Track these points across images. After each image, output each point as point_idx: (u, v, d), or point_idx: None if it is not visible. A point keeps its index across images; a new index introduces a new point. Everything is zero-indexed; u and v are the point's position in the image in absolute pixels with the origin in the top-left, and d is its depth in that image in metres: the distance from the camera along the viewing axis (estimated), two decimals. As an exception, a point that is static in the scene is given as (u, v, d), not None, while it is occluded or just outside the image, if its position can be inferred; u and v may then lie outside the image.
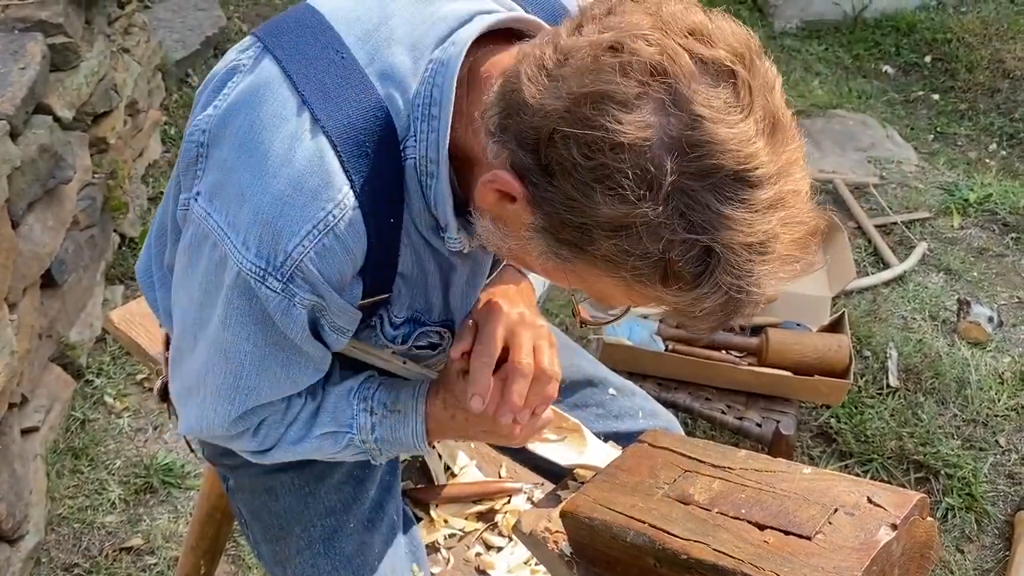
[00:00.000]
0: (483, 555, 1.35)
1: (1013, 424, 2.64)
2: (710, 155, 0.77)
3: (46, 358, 2.36)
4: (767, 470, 1.04)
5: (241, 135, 0.94)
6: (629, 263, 0.81)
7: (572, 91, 0.79)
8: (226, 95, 0.98)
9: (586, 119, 0.78)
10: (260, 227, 0.92)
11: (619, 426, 1.42)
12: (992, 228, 3.44)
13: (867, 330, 2.88)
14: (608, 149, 0.77)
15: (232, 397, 1.04)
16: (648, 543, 0.98)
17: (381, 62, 0.96)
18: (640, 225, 0.78)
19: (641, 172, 0.77)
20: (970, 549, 2.34)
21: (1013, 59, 4.35)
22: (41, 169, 2.21)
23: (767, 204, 0.79)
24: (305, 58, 0.96)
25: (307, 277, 0.94)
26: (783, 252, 0.82)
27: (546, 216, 0.84)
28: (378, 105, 0.94)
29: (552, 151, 0.81)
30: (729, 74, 0.79)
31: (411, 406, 1.13)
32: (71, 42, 2.49)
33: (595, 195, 0.79)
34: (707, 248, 0.79)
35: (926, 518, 0.96)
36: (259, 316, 0.98)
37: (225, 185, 0.94)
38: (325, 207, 0.92)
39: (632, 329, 2.31)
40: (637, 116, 0.77)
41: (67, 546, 2.18)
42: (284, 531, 1.27)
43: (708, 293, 0.81)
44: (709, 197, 0.78)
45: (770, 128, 0.80)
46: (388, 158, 0.95)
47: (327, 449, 1.13)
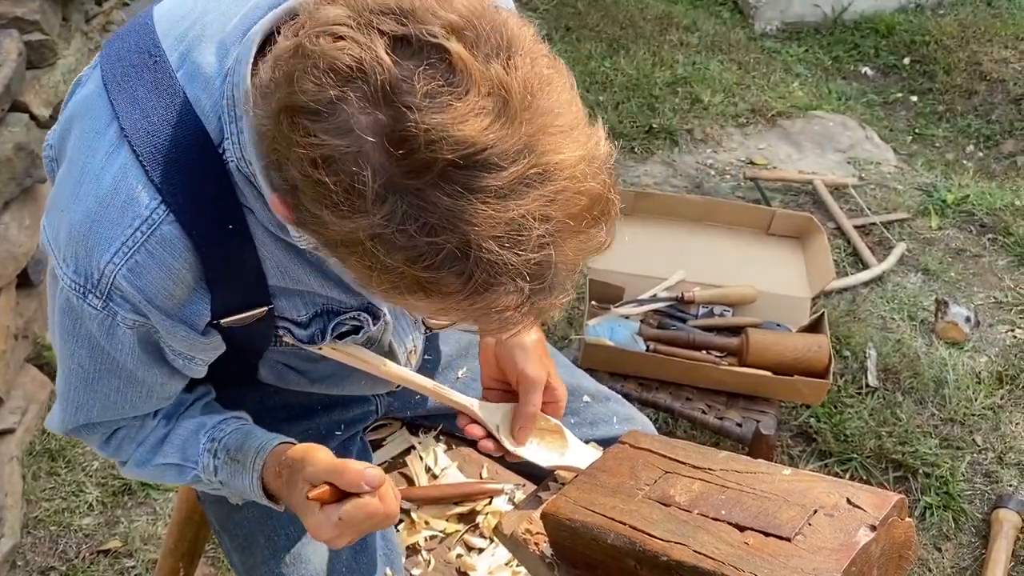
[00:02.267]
0: (464, 557, 1.35)
1: (990, 423, 2.67)
2: (422, 148, 0.69)
3: (22, 359, 2.33)
4: (747, 471, 1.04)
5: (71, 150, 0.94)
6: (375, 277, 0.75)
7: (270, 109, 0.75)
8: (66, 106, 0.98)
9: (286, 137, 0.73)
10: (75, 244, 0.92)
11: (595, 432, 1.42)
12: (969, 229, 3.48)
13: (846, 330, 2.90)
14: (311, 165, 0.71)
15: (66, 406, 1.07)
16: (628, 545, 0.98)
17: (189, 63, 0.91)
18: (368, 239, 0.72)
19: (348, 183, 0.70)
20: (948, 547, 2.36)
21: (990, 62, 4.39)
22: (17, 168, 2.18)
23: (510, 187, 0.70)
24: (122, 64, 0.92)
25: (125, 295, 0.92)
26: (556, 231, 0.72)
27: (312, 231, 0.79)
28: (186, 109, 0.89)
29: (285, 171, 0.76)
30: (439, 50, 0.70)
31: (250, 459, 1.08)
32: (48, 39, 2.46)
33: (322, 214, 0.74)
34: (456, 250, 0.71)
35: (904, 518, 0.97)
36: (85, 337, 0.98)
37: (54, 201, 0.95)
38: (132, 223, 0.89)
39: (613, 330, 2.32)
40: (330, 124, 0.70)
41: (43, 549, 2.16)
42: (249, 541, 1.26)
43: (486, 295, 0.74)
44: (436, 194, 0.70)
45: (501, 101, 0.70)
46: (204, 163, 0.89)
47: (170, 480, 1.13)
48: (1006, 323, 3.04)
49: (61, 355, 1.04)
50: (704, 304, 2.46)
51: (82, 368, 1.01)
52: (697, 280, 2.48)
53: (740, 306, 2.48)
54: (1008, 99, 4.22)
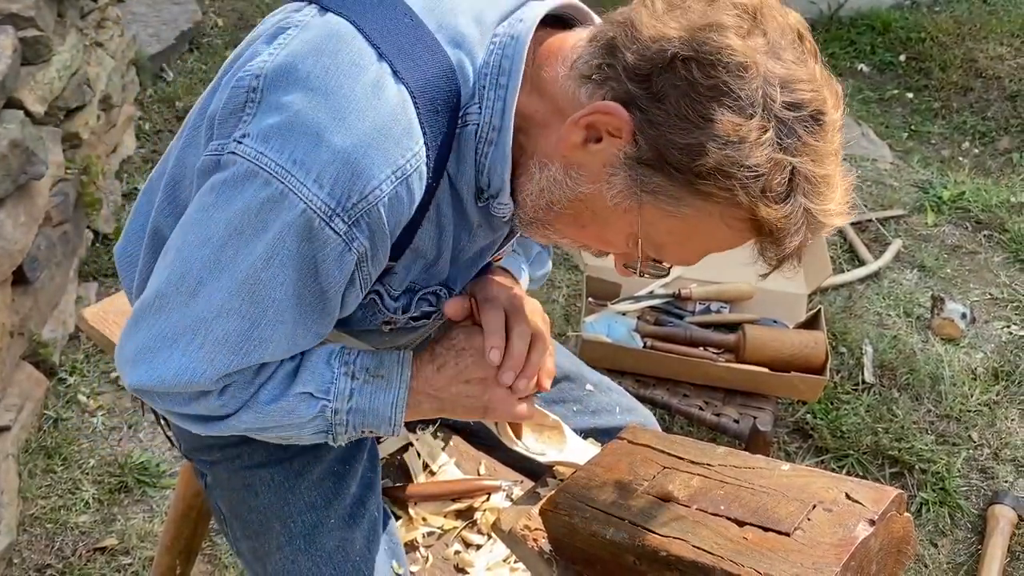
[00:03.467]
0: (462, 553, 1.35)
1: (985, 419, 2.68)
2: (800, 91, 0.89)
3: (18, 356, 2.33)
4: (746, 467, 1.04)
5: (314, 80, 0.94)
6: (739, 173, 0.88)
7: (692, 22, 0.89)
8: (282, 44, 0.98)
9: (709, 41, 0.88)
10: (339, 166, 0.93)
11: (597, 422, 1.43)
12: (965, 226, 3.48)
13: (843, 327, 2.91)
14: (732, 68, 0.87)
15: (239, 346, 1.01)
16: (627, 540, 0.98)
17: (450, 29, 1.00)
18: (751, 139, 0.88)
19: (753, 92, 0.88)
20: (944, 543, 2.37)
21: (985, 58, 4.40)
22: (12, 164, 2.17)
23: (832, 147, 0.92)
24: (375, 16, 0.98)
25: (372, 223, 0.96)
26: (837, 195, 0.93)
27: (650, 140, 0.91)
28: (449, 68, 0.98)
29: (667, 76, 0.89)
30: (800, 37, 0.92)
31: (396, 371, 1.11)
32: (43, 36, 2.45)
33: (712, 111, 0.88)
34: (794, 169, 0.90)
35: (903, 513, 0.97)
36: (302, 260, 0.97)
37: (292, 125, 0.93)
38: (405, 154, 0.95)
39: (611, 326, 2.32)
40: (752, 43, 0.89)
41: (40, 546, 2.15)
42: (264, 527, 1.26)
43: (793, 211, 0.91)
44: (798, 126, 0.89)
45: (828, 84, 0.93)
46: (450, 122, 0.99)
47: (299, 413, 1.09)
48: (1002, 319, 3.05)
49: (253, 288, 0.98)
50: (701, 301, 2.46)
51: (284, 297, 0.99)
52: (694, 277, 2.48)
53: (737, 302, 2.48)
54: (1004, 96, 4.23)
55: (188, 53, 3.98)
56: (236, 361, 1.02)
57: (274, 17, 1.03)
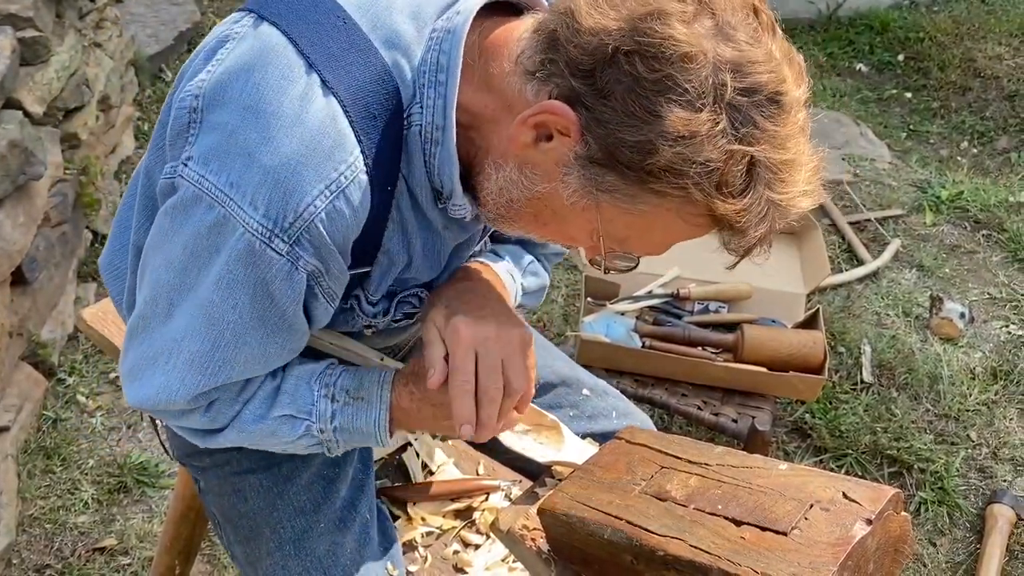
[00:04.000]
0: (461, 553, 1.35)
1: (984, 419, 2.68)
2: (754, 73, 0.85)
3: (17, 357, 2.33)
4: (743, 466, 1.04)
5: (245, 97, 0.93)
6: (691, 171, 0.85)
7: (633, 10, 0.85)
8: (220, 60, 0.96)
9: (652, 32, 0.83)
10: (270, 187, 0.91)
11: (593, 426, 1.42)
12: (964, 225, 3.49)
13: (841, 326, 2.91)
14: (676, 59, 0.83)
15: (204, 367, 1.02)
16: (625, 540, 0.98)
17: (385, 29, 0.97)
18: (703, 133, 0.84)
19: (702, 82, 0.83)
20: (942, 542, 2.37)
21: (984, 58, 4.40)
22: (11, 165, 2.17)
23: (794, 128, 0.88)
24: (306, 23, 0.96)
25: (314, 240, 0.94)
26: (803, 177, 0.89)
27: (598, 139, 0.87)
28: (384, 71, 0.95)
29: (611, 71, 0.85)
30: (754, 10, 0.88)
31: (375, 393, 1.11)
32: (41, 36, 2.45)
33: (659, 106, 0.84)
34: (752, 159, 0.86)
35: (900, 513, 0.97)
36: (253, 284, 0.96)
37: (227, 147, 0.92)
38: (338, 168, 0.93)
39: (609, 326, 2.32)
40: (697, 30, 0.84)
41: (39, 547, 2.15)
42: (254, 532, 1.26)
43: (753, 203, 0.87)
44: (754, 112, 0.85)
45: (788, 61, 0.89)
46: (393, 125, 0.96)
47: (282, 435, 1.10)
48: (1000, 319, 3.05)
49: (209, 311, 0.99)
50: (700, 300, 2.47)
51: (240, 319, 0.98)
52: (692, 277, 2.49)
53: (735, 302, 2.48)
54: (1002, 95, 4.23)
55: (187, 54, 3.98)
56: (205, 381, 1.02)
57: (218, 28, 1.02)
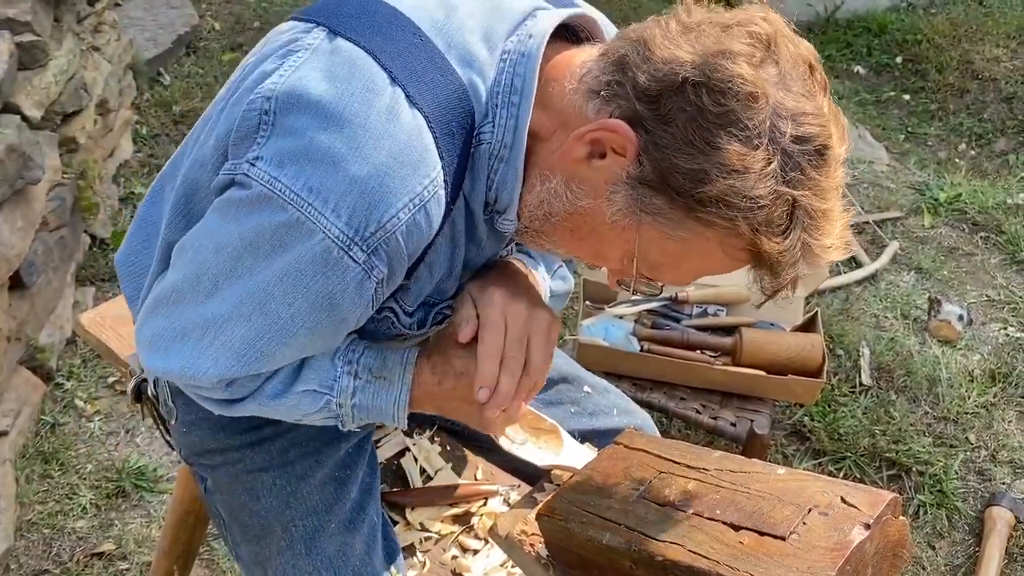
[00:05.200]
0: (459, 558, 1.35)
1: (983, 421, 2.68)
2: (807, 124, 0.89)
3: (15, 361, 2.33)
4: (742, 471, 1.04)
5: (328, 105, 0.93)
6: (741, 204, 0.88)
7: (706, 47, 0.89)
8: (293, 66, 0.97)
9: (722, 68, 0.87)
10: (356, 196, 0.92)
11: (594, 423, 1.43)
12: (962, 227, 3.49)
13: (840, 329, 2.91)
14: (741, 97, 0.87)
15: (242, 355, 1.02)
16: (624, 545, 0.98)
17: (460, 49, 0.99)
18: (756, 170, 0.87)
19: (761, 123, 0.87)
20: (941, 545, 2.37)
21: (982, 60, 4.41)
22: (9, 169, 2.17)
23: (835, 182, 0.92)
24: (385, 39, 0.97)
25: (391, 251, 0.96)
26: (836, 228, 0.93)
27: (654, 162, 0.90)
28: (462, 89, 0.98)
29: (676, 99, 0.89)
30: (810, 69, 0.92)
31: (398, 374, 1.12)
32: (39, 40, 2.45)
33: (719, 139, 0.87)
34: (795, 203, 0.90)
35: (898, 517, 0.97)
36: (317, 291, 0.97)
37: (306, 152, 0.93)
38: (422, 182, 0.95)
39: (608, 330, 2.32)
40: (763, 74, 0.88)
41: (37, 552, 2.15)
42: (265, 531, 1.26)
43: (792, 245, 0.91)
44: (803, 160, 0.89)
45: (835, 119, 0.93)
46: (466, 143, 0.99)
47: (303, 408, 1.11)
48: (998, 321, 3.05)
49: (263, 302, 0.99)
50: (698, 304, 2.47)
51: (292, 319, 0.99)
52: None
53: (734, 305, 2.48)
54: (1000, 97, 4.23)
55: (185, 57, 3.98)
56: (237, 368, 1.03)
57: (282, 36, 1.02)
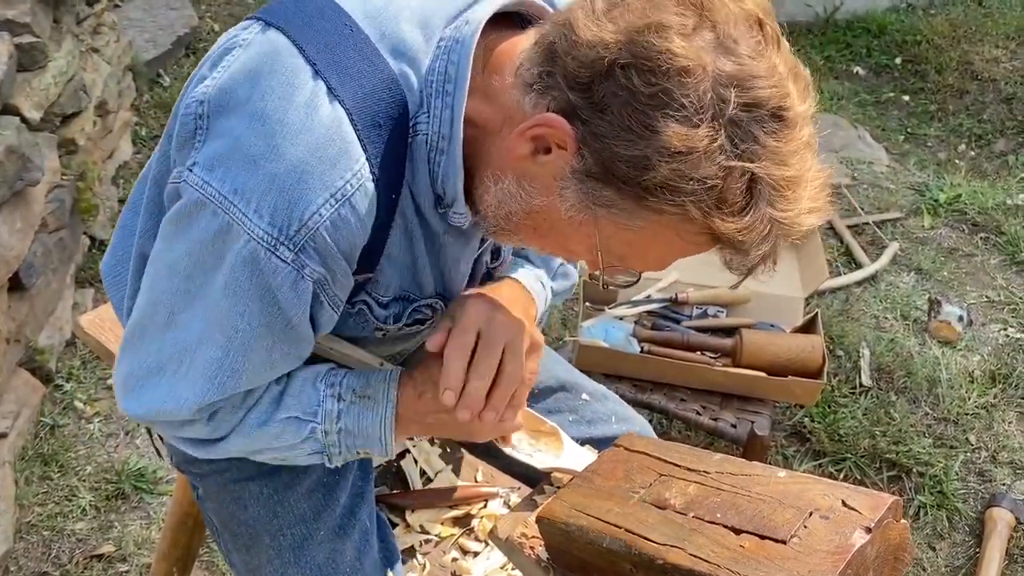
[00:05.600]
0: (459, 560, 1.35)
1: (983, 422, 2.68)
2: (756, 88, 0.82)
3: (14, 363, 2.32)
4: (742, 474, 1.04)
5: (251, 103, 0.92)
6: (688, 187, 0.83)
7: (631, 23, 0.83)
8: (225, 67, 0.96)
9: (649, 45, 0.82)
10: (275, 195, 0.91)
11: (592, 431, 1.42)
12: (962, 228, 3.49)
13: (840, 330, 2.91)
14: (673, 74, 0.81)
15: (214, 375, 1.01)
16: (624, 548, 0.98)
17: (392, 38, 0.97)
18: (701, 149, 0.82)
19: (701, 97, 0.81)
20: (942, 546, 2.37)
21: (981, 61, 4.40)
22: (8, 171, 2.17)
23: (798, 144, 0.85)
24: (313, 30, 0.96)
25: (319, 247, 0.94)
26: (808, 194, 0.87)
27: (595, 153, 0.86)
28: (391, 79, 0.95)
29: (607, 84, 0.84)
30: (759, 24, 0.85)
31: (382, 391, 1.11)
32: (39, 42, 2.45)
33: (656, 121, 0.82)
34: (752, 176, 0.84)
35: (899, 520, 0.97)
36: (259, 291, 0.96)
37: (231, 153, 0.92)
38: (343, 176, 0.93)
39: (608, 331, 2.32)
40: (697, 43, 0.82)
41: (36, 554, 2.15)
42: (254, 540, 1.25)
43: (754, 222, 0.85)
44: (755, 128, 0.83)
45: (794, 76, 0.86)
46: (399, 133, 0.96)
47: (286, 438, 1.10)
48: (998, 322, 3.05)
49: (219, 319, 0.98)
50: (698, 305, 2.46)
51: (249, 327, 0.98)
52: (691, 281, 2.48)
53: (734, 307, 2.48)
54: (999, 98, 4.23)
55: (185, 58, 3.98)
56: (212, 391, 1.02)
57: (227, 35, 1.02)
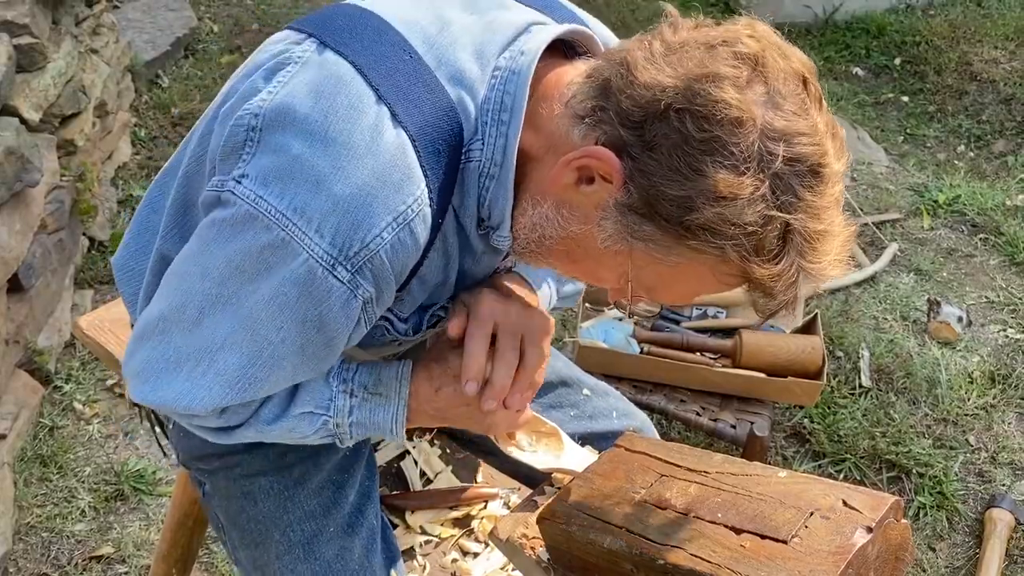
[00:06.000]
0: (459, 561, 1.34)
1: (982, 423, 2.68)
2: (800, 144, 0.86)
3: (13, 364, 2.32)
4: (743, 474, 1.04)
5: (313, 123, 0.93)
6: (729, 231, 0.86)
7: (689, 71, 0.87)
8: (281, 82, 0.96)
9: (704, 93, 0.85)
10: (339, 216, 0.92)
11: (594, 426, 1.43)
12: (961, 229, 3.49)
13: (839, 331, 2.91)
14: (726, 123, 0.85)
15: (235, 382, 1.01)
16: (625, 548, 0.98)
17: (450, 66, 0.98)
18: (744, 196, 0.85)
19: (749, 147, 0.85)
20: (942, 547, 2.37)
21: (980, 62, 4.41)
22: (7, 172, 2.17)
23: (831, 200, 0.89)
24: (374, 55, 0.97)
25: (376, 269, 0.95)
26: (835, 247, 0.91)
27: (641, 190, 0.89)
28: (450, 107, 0.97)
29: (660, 125, 0.87)
30: (804, 82, 0.89)
31: (394, 388, 1.12)
32: (38, 43, 2.45)
33: (705, 165, 0.85)
34: (788, 226, 0.87)
35: (900, 520, 0.97)
36: (304, 311, 0.96)
37: (290, 171, 0.93)
38: (406, 200, 0.94)
39: (607, 332, 2.32)
40: (749, 96, 0.86)
41: (35, 555, 2.15)
42: (263, 536, 1.26)
43: (785, 269, 0.89)
44: (795, 181, 0.86)
45: (832, 135, 0.90)
46: (453, 159, 0.98)
47: (300, 430, 1.11)
48: (998, 323, 3.05)
49: (253, 328, 0.98)
50: (698, 305, 2.46)
51: (282, 342, 0.99)
52: (690, 281, 2.48)
53: (733, 307, 2.48)
54: (998, 99, 4.23)
55: (183, 59, 3.97)
56: (231, 396, 1.02)
57: (274, 46, 1.02)
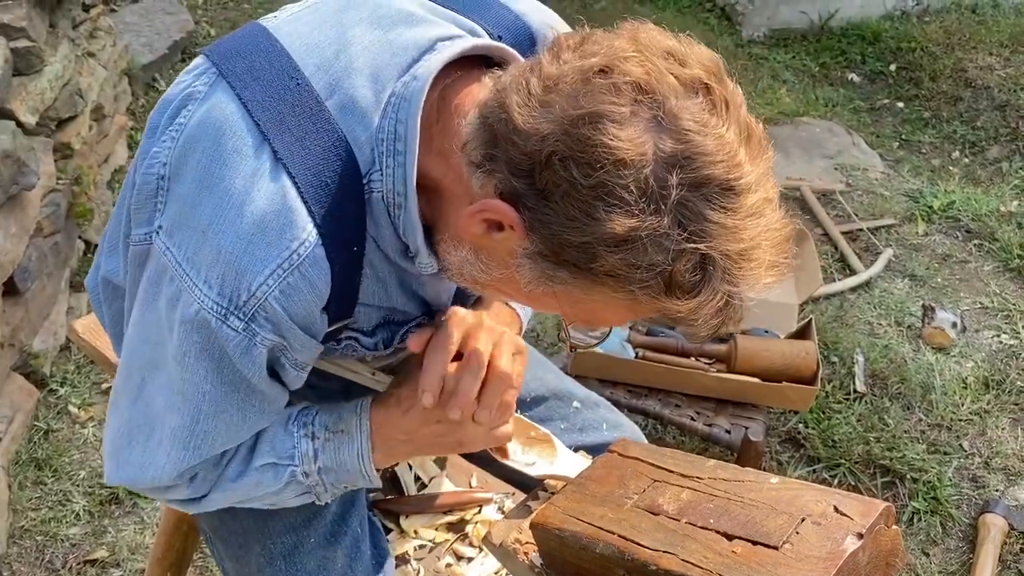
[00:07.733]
0: (453, 566, 1.35)
1: (976, 428, 2.69)
2: (703, 166, 0.80)
3: (8, 367, 2.32)
4: (735, 480, 1.04)
5: (200, 170, 0.93)
6: (636, 276, 0.82)
7: (567, 113, 0.81)
8: (181, 124, 0.96)
9: (584, 138, 0.80)
10: (222, 266, 0.91)
11: (584, 439, 1.42)
12: (955, 235, 3.50)
13: (834, 336, 2.91)
14: (609, 165, 0.79)
15: (187, 441, 1.01)
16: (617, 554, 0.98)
17: (341, 94, 0.94)
18: (645, 238, 0.80)
19: (642, 186, 0.79)
20: (935, 552, 2.37)
21: (975, 68, 4.42)
22: (3, 175, 2.17)
23: (751, 211, 0.83)
24: (261, 86, 0.94)
25: (270, 316, 0.93)
26: (766, 257, 0.86)
27: (544, 239, 0.85)
28: (339, 140, 0.93)
29: (548, 174, 0.82)
30: (706, 89, 0.83)
31: (354, 424, 1.10)
32: (35, 46, 2.45)
33: (598, 212, 0.80)
34: (704, 256, 0.82)
35: (891, 526, 0.97)
36: (215, 354, 0.95)
37: (187, 220, 0.93)
38: (289, 246, 0.91)
39: (602, 336, 2.32)
40: (633, 132, 0.80)
41: (30, 559, 2.14)
42: (245, 549, 1.26)
43: (707, 300, 0.84)
44: (703, 206, 0.80)
45: (746, 138, 0.84)
46: (351, 192, 0.94)
47: (266, 485, 1.10)
48: (992, 328, 3.06)
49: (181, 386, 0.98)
50: (692, 310, 2.47)
51: (213, 389, 0.98)
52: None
53: (728, 312, 2.48)
54: (993, 105, 4.25)
55: (181, 63, 3.98)
56: (188, 456, 1.02)
57: (185, 77, 1.01)
